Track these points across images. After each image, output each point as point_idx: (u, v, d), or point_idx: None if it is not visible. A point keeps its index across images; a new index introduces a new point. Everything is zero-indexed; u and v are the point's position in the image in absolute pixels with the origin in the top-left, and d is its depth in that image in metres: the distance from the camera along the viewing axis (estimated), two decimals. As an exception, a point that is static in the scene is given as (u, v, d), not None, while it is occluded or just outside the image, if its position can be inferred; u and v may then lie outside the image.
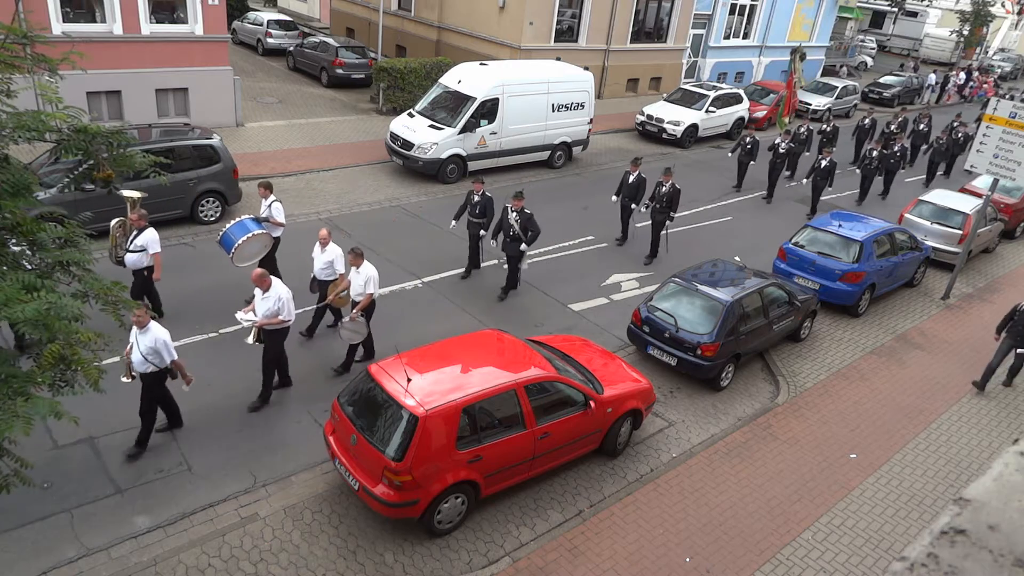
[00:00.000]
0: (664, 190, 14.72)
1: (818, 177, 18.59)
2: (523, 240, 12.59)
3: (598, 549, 8.08)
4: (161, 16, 18.11)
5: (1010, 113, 13.90)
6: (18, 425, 4.54)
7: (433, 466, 7.56)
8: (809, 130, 21.69)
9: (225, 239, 11.02)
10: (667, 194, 14.69)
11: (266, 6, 40.31)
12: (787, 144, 19.76)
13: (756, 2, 32.65)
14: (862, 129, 23.95)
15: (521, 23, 24.93)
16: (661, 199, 14.76)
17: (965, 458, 10.35)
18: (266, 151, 18.71)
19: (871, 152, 20.31)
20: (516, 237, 12.62)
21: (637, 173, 15.13)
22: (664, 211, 14.80)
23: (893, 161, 20.91)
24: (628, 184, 15.24)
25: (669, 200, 14.69)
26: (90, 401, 6.22)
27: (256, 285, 9.28)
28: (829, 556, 8.36)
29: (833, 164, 18.41)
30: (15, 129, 5.21)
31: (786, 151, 19.73)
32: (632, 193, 15.24)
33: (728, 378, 11.40)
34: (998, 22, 49.93)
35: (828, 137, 21.91)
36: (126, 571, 7.23)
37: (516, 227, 12.52)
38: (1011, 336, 11.68)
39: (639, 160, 15.46)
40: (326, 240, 10.75)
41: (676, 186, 14.72)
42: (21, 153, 8.50)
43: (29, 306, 4.49)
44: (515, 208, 12.57)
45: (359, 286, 10.20)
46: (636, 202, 15.29)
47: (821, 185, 18.65)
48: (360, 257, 10.15)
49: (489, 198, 13.16)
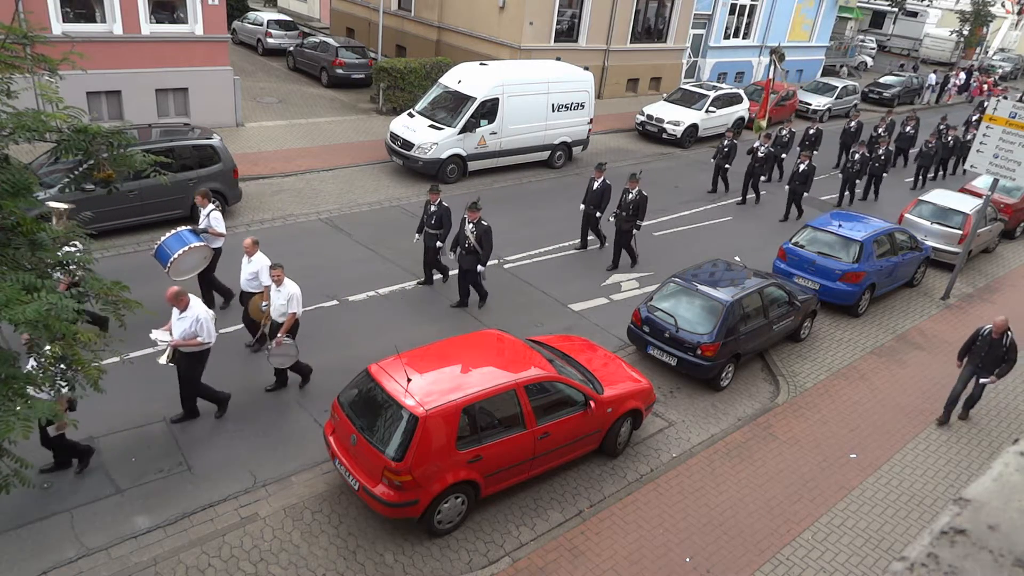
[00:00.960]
0: (631, 197, 14.09)
1: (796, 182, 18.03)
2: (479, 253, 11.97)
3: (598, 549, 8.08)
4: (161, 16, 18.11)
5: (1010, 113, 13.89)
6: (18, 426, 4.53)
7: (433, 466, 7.56)
8: (791, 132, 21.33)
9: (160, 252, 10.33)
10: (634, 201, 14.08)
11: (266, 6, 40.30)
12: (767, 148, 19.18)
13: (756, 2, 32.66)
14: (847, 132, 23.36)
15: (521, 23, 24.93)
16: (627, 207, 14.12)
17: (965, 458, 10.35)
18: (266, 151, 18.71)
19: (854, 155, 19.90)
20: (472, 250, 12.02)
21: (602, 179, 14.60)
22: (631, 219, 14.18)
23: (877, 165, 20.42)
24: (592, 191, 14.72)
25: (636, 208, 14.09)
26: (90, 401, 6.22)
27: (172, 304, 8.67)
28: (829, 556, 8.36)
29: (812, 168, 17.86)
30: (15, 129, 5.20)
31: (765, 155, 19.08)
32: (596, 200, 14.71)
33: (728, 378, 11.40)
34: (998, 22, 49.94)
35: (811, 140, 21.46)
36: (126, 571, 7.24)
37: (472, 239, 11.90)
38: (972, 363, 10.74)
39: (603, 166, 14.89)
40: (252, 249, 10.05)
41: (643, 193, 14.13)
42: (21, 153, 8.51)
43: (30, 307, 4.49)
44: (471, 220, 11.96)
45: (281, 306, 9.51)
46: (601, 210, 14.77)
47: (799, 190, 18.07)
48: (282, 273, 9.41)
49: (446, 208, 12.56)
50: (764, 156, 18.98)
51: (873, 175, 20.52)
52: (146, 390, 9.60)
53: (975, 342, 10.67)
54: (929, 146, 22.64)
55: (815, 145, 21.32)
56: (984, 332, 10.61)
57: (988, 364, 10.58)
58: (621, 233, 14.38)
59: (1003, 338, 10.42)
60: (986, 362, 10.59)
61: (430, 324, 11.93)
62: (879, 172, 20.49)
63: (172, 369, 10.26)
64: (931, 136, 23.14)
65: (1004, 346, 10.43)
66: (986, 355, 10.54)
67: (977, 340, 10.66)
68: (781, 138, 21.31)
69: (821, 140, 21.73)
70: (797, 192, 18.12)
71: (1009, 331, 10.45)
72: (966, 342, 10.90)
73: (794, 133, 21.53)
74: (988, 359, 10.55)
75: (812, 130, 21.60)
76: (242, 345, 10.95)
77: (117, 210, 12.96)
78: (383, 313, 12.26)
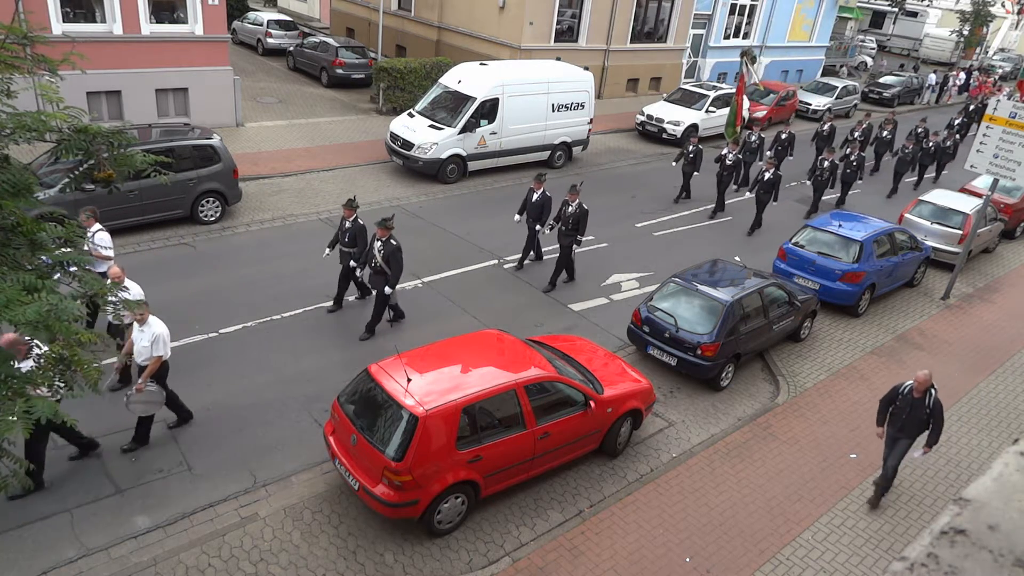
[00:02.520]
0: (570, 210, 13.11)
1: (761, 190, 16.94)
2: (387, 274, 10.98)
3: (598, 549, 8.08)
4: (161, 16, 18.11)
5: (1010, 113, 13.89)
6: (17, 427, 4.53)
7: (433, 466, 7.56)
8: (760, 138, 20.31)
9: None
10: (573, 215, 13.11)
11: (266, 6, 40.30)
12: (735, 155, 17.99)
13: (756, 2, 32.66)
14: (820, 136, 22.15)
15: (521, 23, 24.93)
16: (567, 220, 13.17)
17: (965, 458, 10.34)
18: (266, 151, 18.71)
19: (823, 162, 18.63)
20: (379, 270, 11.02)
21: (542, 191, 13.59)
22: (570, 234, 13.19)
23: (849, 171, 19.37)
24: (532, 203, 13.70)
25: (576, 221, 13.13)
26: (90, 401, 6.22)
27: None
28: (829, 556, 8.37)
29: (777, 177, 16.89)
30: (15, 129, 5.21)
31: (734, 162, 17.89)
32: (536, 213, 13.66)
33: (728, 378, 11.41)
34: (998, 22, 49.95)
35: (783, 145, 20.41)
36: (126, 571, 7.24)
37: (379, 258, 10.96)
38: (894, 426, 8.91)
39: (543, 177, 13.89)
40: (119, 277, 8.74)
41: (584, 206, 13.12)
42: (21, 153, 8.51)
43: (30, 308, 4.48)
44: (380, 237, 10.98)
45: (144, 348, 8.39)
46: (541, 223, 13.74)
47: (764, 199, 16.94)
48: (147, 312, 8.28)
49: (361, 226, 11.53)
50: (732, 163, 17.89)
51: (844, 182, 19.53)
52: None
53: (893, 402, 8.86)
54: (905, 151, 21.40)
55: (788, 150, 20.42)
56: (904, 390, 8.78)
57: (910, 429, 8.78)
58: (562, 248, 13.43)
59: (925, 397, 8.61)
60: (907, 426, 8.76)
61: (430, 324, 11.93)
62: (850, 179, 19.51)
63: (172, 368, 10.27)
64: (907, 140, 21.94)
65: (927, 407, 8.60)
66: (907, 418, 8.71)
67: (896, 400, 8.82)
68: (750, 144, 20.22)
69: (794, 145, 20.66)
70: (762, 202, 17.06)
71: (932, 388, 8.62)
72: (883, 401, 9.04)
73: (763, 139, 20.40)
74: (909, 423, 8.74)
75: (784, 135, 20.54)
76: (244, 344, 10.95)
77: (117, 210, 12.97)
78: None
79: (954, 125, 25.95)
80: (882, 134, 23.22)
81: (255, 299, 11.97)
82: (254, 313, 11.57)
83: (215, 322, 11.30)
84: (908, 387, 8.76)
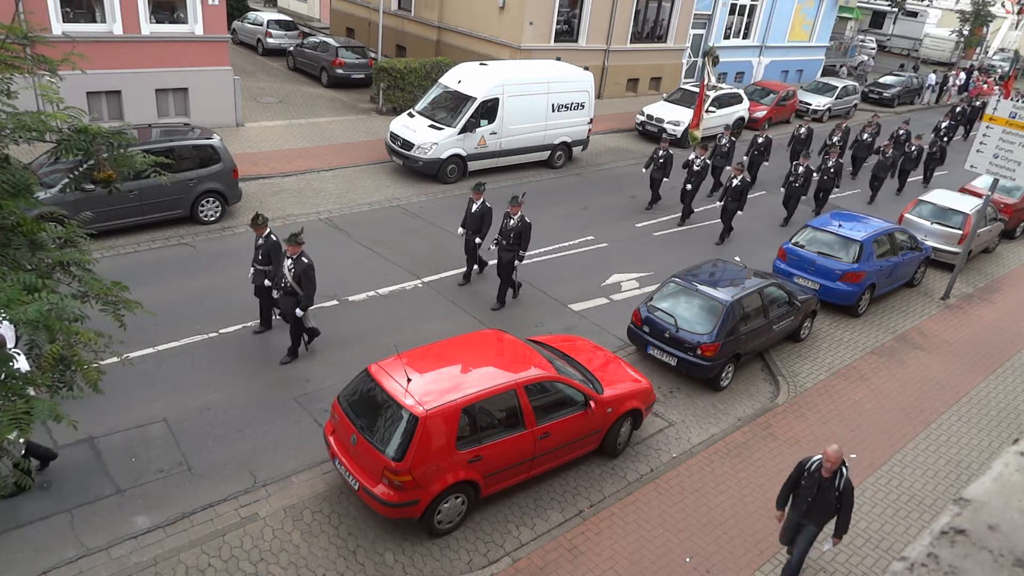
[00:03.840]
0: (512, 223, 12.27)
1: (728, 198, 16.03)
2: (298, 294, 10.12)
3: (598, 549, 8.08)
4: (161, 16, 18.11)
5: (1010, 113, 13.89)
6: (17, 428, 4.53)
7: (433, 466, 7.56)
8: (731, 141, 19.13)
9: None
10: (515, 228, 12.26)
11: (266, 6, 40.30)
12: (703, 160, 16.95)
13: (756, 2, 32.66)
14: (797, 139, 21.06)
15: (521, 23, 24.93)
16: (508, 234, 12.32)
17: (965, 458, 10.35)
18: (266, 151, 18.71)
19: (797, 168, 17.59)
20: (290, 291, 10.20)
21: (481, 201, 12.76)
22: (512, 248, 12.31)
23: (826, 179, 18.32)
24: (471, 214, 12.85)
25: (518, 235, 12.26)
26: (91, 401, 6.22)
27: None
28: (829, 556, 8.36)
29: (746, 183, 16.02)
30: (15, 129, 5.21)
31: (702, 167, 16.89)
32: (476, 225, 12.82)
33: (728, 378, 11.41)
34: (998, 22, 49.94)
35: (759, 149, 19.44)
36: (126, 571, 7.24)
37: (289, 277, 10.10)
38: (798, 510, 7.58)
39: (482, 186, 12.92)
40: None
41: (526, 219, 12.30)
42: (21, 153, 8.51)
43: (31, 307, 4.48)
44: (291, 255, 10.14)
45: None
46: (481, 236, 12.88)
47: (732, 208, 16.06)
48: None
49: (275, 243, 10.65)
50: (700, 169, 16.92)
51: (821, 189, 18.51)
52: (146, 390, 9.61)
53: (799, 481, 7.55)
54: (885, 155, 20.25)
55: (764, 155, 19.55)
56: (810, 467, 7.42)
57: (818, 514, 7.46)
58: (502, 265, 12.56)
59: (835, 477, 7.28)
60: (813, 510, 7.45)
61: (430, 324, 11.93)
62: (828, 186, 18.46)
63: (172, 370, 10.29)
64: (887, 144, 20.68)
65: (837, 488, 7.27)
66: (814, 501, 7.40)
67: (802, 478, 7.50)
68: (720, 148, 19.06)
69: (771, 149, 19.67)
70: (729, 210, 16.15)
71: (844, 467, 7.30)
72: (787, 481, 7.67)
73: (734, 142, 19.27)
74: (817, 507, 7.42)
75: (761, 139, 19.61)
76: (242, 344, 10.95)
77: (117, 210, 12.97)
78: (383, 313, 12.27)
79: (941, 128, 24.99)
80: (863, 137, 22.05)
81: (255, 299, 11.96)
82: (254, 313, 11.56)
83: (215, 322, 11.30)
84: (816, 464, 7.38)
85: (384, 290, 12.93)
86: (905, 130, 22.13)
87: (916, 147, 21.53)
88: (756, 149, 19.72)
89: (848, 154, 22.01)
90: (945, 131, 25.13)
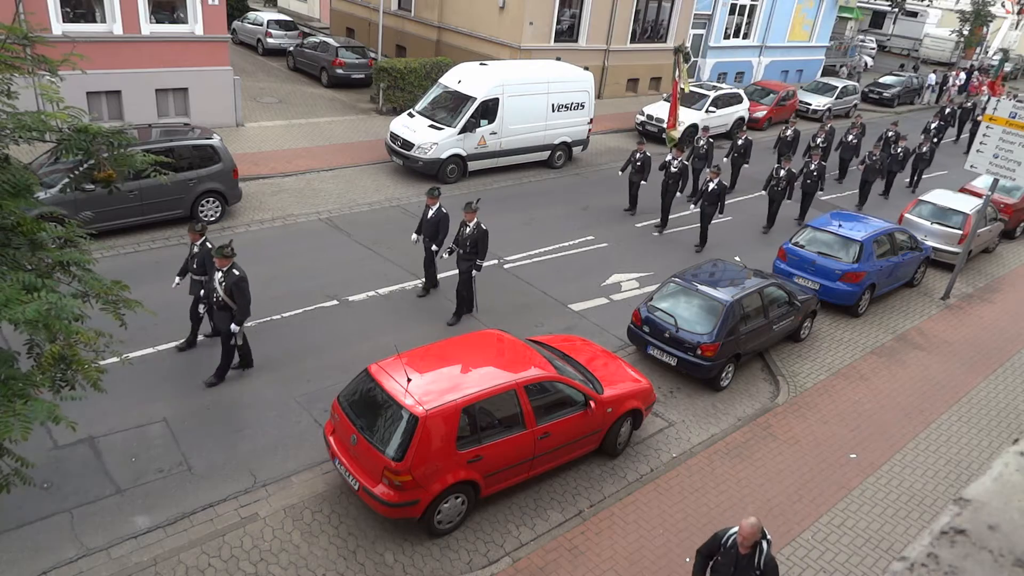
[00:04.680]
0: (467, 231, 11.64)
1: (705, 202, 15.45)
2: (232, 309, 9.51)
3: (598, 549, 8.08)
4: (161, 16, 18.11)
5: (1010, 113, 13.89)
6: (17, 427, 4.53)
7: (433, 466, 7.56)
8: (710, 142, 18.65)
9: None
10: (471, 236, 11.63)
11: (266, 6, 40.30)
12: (680, 162, 16.35)
13: (756, 2, 32.68)
14: (783, 141, 20.47)
15: (521, 23, 24.94)
16: (464, 243, 11.70)
17: (965, 458, 10.35)
18: (266, 151, 18.71)
19: (779, 171, 16.91)
20: (223, 305, 9.56)
21: (437, 207, 12.11)
22: (468, 257, 11.68)
23: (809, 182, 17.57)
24: (427, 220, 12.20)
25: (474, 244, 11.64)
26: (90, 401, 6.22)
27: None
28: (829, 556, 8.37)
29: (722, 187, 15.41)
30: (15, 129, 5.21)
31: (679, 169, 16.28)
32: (432, 232, 12.16)
33: (728, 378, 11.41)
34: (998, 22, 49.92)
35: (739, 151, 18.99)
36: (126, 571, 7.24)
37: (220, 291, 9.46)
38: None
39: (436, 191, 12.26)
40: None
41: (482, 226, 11.64)
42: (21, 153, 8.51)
43: (30, 307, 4.49)
44: (220, 267, 9.44)
45: None
46: (438, 243, 12.20)
47: (709, 212, 15.48)
48: None
49: (208, 249, 9.98)
50: (677, 171, 16.30)
51: (805, 193, 17.86)
52: (146, 390, 9.61)
53: (713, 556, 6.58)
54: (873, 158, 19.44)
55: (745, 157, 19.01)
56: (726, 542, 6.43)
57: None
58: (460, 274, 12.00)
59: (754, 554, 6.26)
60: None
61: (430, 324, 11.93)
62: (811, 190, 17.76)
63: (172, 370, 10.29)
64: (875, 147, 19.96)
65: (757, 567, 6.23)
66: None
67: (718, 553, 6.52)
68: (699, 150, 18.53)
69: (751, 151, 19.17)
70: (707, 215, 15.59)
71: (764, 542, 6.27)
72: (700, 553, 6.71)
73: (712, 143, 18.74)
74: None
75: (740, 140, 19.11)
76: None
77: (117, 210, 12.97)
78: (383, 313, 12.26)
79: (930, 129, 24.41)
80: (847, 139, 21.42)
81: (255, 299, 11.95)
82: (254, 313, 11.55)
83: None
84: (732, 538, 6.38)
85: (384, 290, 12.93)
86: (894, 131, 21.64)
87: (903, 148, 21.02)
88: (736, 151, 19.29)
89: (834, 156, 21.61)
90: (935, 132, 24.72)
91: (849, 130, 21.77)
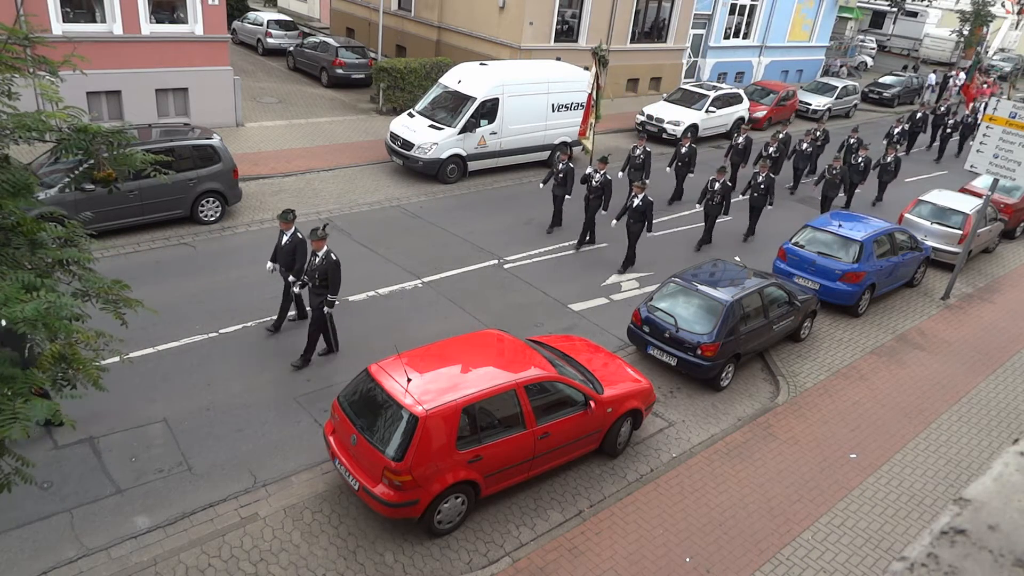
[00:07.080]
0: (316, 262, 10.15)
1: (631, 219, 14.20)
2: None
3: (598, 549, 8.08)
4: (161, 16, 18.11)
5: (1010, 113, 13.89)
6: (17, 427, 4.53)
7: (433, 466, 7.56)
8: (646, 151, 17.04)
9: None
10: (319, 267, 10.12)
11: (266, 6, 40.30)
12: (603, 175, 14.99)
13: (756, 2, 32.67)
14: (735, 150, 19.26)
15: (521, 23, 24.93)
16: (313, 274, 10.23)
17: (965, 458, 10.34)
18: (266, 151, 18.71)
19: (713, 184, 15.41)
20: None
21: (292, 232, 10.58)
22: (319, 292, 10.21)
23: (756, 195, 16.16)
24: (281, 248, 10.73)
25: (323, 275, 10.12)
26: (91, 401, 6.22)
27: None
28: (829, 556, 8.36)
29: (647, 203, 14.01)
30: (15, 129, 5.21)
31: (601, 183, 14.94)
32: (287, 261, 10.68)
33: (728, 378, 11.40)
34: (998, 22, 49.92)
35: (683, 160, 17.58)
36: (126, 571, 7.24)
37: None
38: None
39: (291, 215, 10.59)
40: None
41: (332, 256, 10.11)
42: (21, 153, 8.51)
43: (28, 306, 4.48)
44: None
45: None
46: (296, 274, 10.60)
47: (636, 230, 14.26)
48: None
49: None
50: (600, 184, 14.95)
51: (752, 207, 16.42)
52: (146, 390, 9.61)
53: None
54: (833, 171, 17.72)
55: (689, 166, 17.56)
56: None
57: None
58: (311, 311, 10.70)
59: None
60: None
61: (430, 324, 11.93)
62: (758, 204, 16.29)
63: (172, 370, 10.29)
64: (835, 159, 18.22)
65: None
66: None
67: None
68: (634, 160, 16.98)
69: (695, 160, 17.81)
70: (633, 233, 14.39)
71: None
72: None
73: (649, 153, 17.10)
74: None
75: (684, 148, 17.65)
76: (242, 345, 10.95)
77: (117, 210, 12.97)
78: (383, 313, 12.27)
79: (893, 135, 22.34)
80: (801, 147, 19.75)
81: (255, 299, 11.98)
82: (254, 313, 11.57)
83: (215, 322, 11.29)
84: None
85: (384, 290, 12.93)
86: (856, 139, 20.01)
87: (864, 158, 19.01)
88: (680, 160, 17.80)
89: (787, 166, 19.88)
90: (898, 138, 22.55)
91: (804, 137, 20.23)
